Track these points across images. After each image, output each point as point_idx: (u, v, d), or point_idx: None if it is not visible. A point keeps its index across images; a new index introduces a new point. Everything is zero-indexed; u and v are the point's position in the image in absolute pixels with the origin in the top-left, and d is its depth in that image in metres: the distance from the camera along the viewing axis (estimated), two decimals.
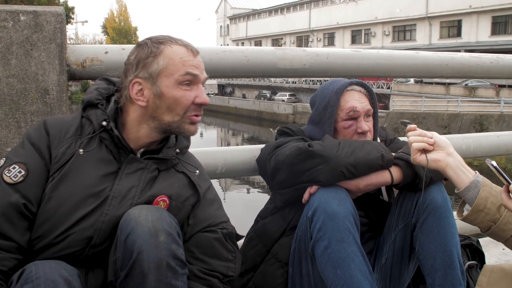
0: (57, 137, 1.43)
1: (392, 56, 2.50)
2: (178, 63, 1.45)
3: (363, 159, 1.70)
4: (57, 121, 1.47)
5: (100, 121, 1.44)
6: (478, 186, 1.47)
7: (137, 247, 1.26)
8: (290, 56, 2.22)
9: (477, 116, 21.18)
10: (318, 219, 1.66)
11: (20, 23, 1.74)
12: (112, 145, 1.45)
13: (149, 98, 1.45)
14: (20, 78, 1.75)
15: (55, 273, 1.22)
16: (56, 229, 1.36)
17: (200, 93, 1.48)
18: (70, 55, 1.86)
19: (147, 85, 1.45)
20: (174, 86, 1.44)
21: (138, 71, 1.45)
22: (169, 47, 1.46)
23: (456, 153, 1.57)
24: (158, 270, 1.26)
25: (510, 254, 2.89)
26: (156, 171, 1.50)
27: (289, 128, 2.00)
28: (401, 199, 1.83)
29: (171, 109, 1.45)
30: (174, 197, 1.49)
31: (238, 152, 2.25)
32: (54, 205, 1.36)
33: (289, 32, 56.05)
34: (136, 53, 1.47)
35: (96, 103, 1.48)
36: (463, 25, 37.56)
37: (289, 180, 1.78)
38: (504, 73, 2.86)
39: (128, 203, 1.41)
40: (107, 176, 1.43)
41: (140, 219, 1.30)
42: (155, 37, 1.51)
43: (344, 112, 1.88)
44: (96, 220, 1.38)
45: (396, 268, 1.84)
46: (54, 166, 1.39)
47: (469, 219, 1.47)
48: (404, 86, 31.05)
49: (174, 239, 1.32)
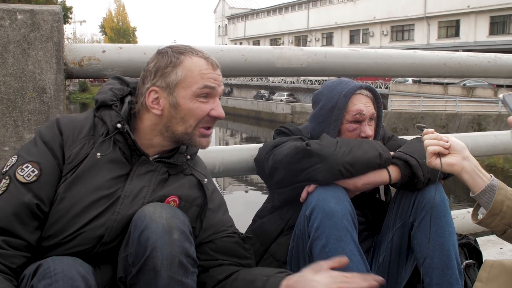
0: (71, 137, 1.42)
1: (390, 55, 2.50)
2: (197, 75, 1.44)
3: (361, 158, 1.70)
4: (69, 120, 1.46)
5: (115, 123, 1.43)
6: (493, 189, 1.46)
7: (151, 243, 1.26)
8: (288, 55, 2.22)
9: (475, 116, 21.19)
10: (316, 218, 1.66)
11: (17, 22, 1.73)
12: (126, 147, 1.45)
13: (165, 107, 1.44)
14: (17, 77, 1.75)
15: (72, 269, 1.22)
16: (68, 229, 1.36)
17: (216, 106, 1.48)
18: (68, 54, 1.86)
19: (163, 94, 1.44)
20: (191, 98, 1.44)
21: (156, 79, 1.44)
22: (189, 59, 1.45)
23: (471, 156, 1.55)
24: (171, 267, 1.27)
25: (507, 253, 2.89)
26: (166, 174, 1.50)
27: (286, 128, 2.00)
28: (398, 198, 1.84)
29: (185, 120, 1.45)
30: (183, 198, 1.50)
31: (236, 151, 2.25)
32: (66, 205, 1.36)
33: (287, 32, 56.09)
34: (156, 61, 1.47)
35: (110, 104, 1.46)
36: (461, 25, 37.62)
37: (287, 179, 1.78)
38: (502, 73, 2.86)
39: (139, 202, 1.41)
40: (120, 178, 1.43)
41: (155, 216, 1.31)
42: (176, 46, 1.50)
43: (351, 115, 1.88)
44: (108, 219, 1.38)
45: (394, 267, 1.84)
46: (67, 166, 1.39)
47: (484, 223, 1.46)
48: (402, 86, 31.09)
49: (187, 237, 1.33)
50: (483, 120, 20.64)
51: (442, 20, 39.04)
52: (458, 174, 1.53)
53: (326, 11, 50.01)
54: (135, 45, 2.02)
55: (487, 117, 20.81)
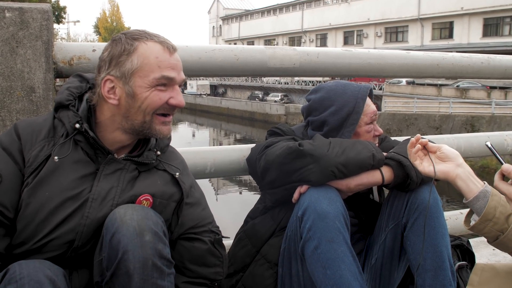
0: (29, 141, 1.38)
1: (383, 55, 2.49)
2: (153, 63, 1.39)
3: (354, 158, 1.69)
4: (28, 124, 1.42)
5: (73, 124, 1.39)
6: (487, 196, 1.47)
7: (122, 246, 1.24)
8: (280, 55, 2.21)
9: (468, 117, 21.26)
10: (308, 219, 1.64)
11: (5, 20, 1.71)
12: (88, 146, 1.41)
13: (121, 97, 1.40)
14: (5, 75, 1.73)
15: (39, 273, 1.19)
16: (37, 235, 1.33)
17: (176, 94, 1.43)
18: (57, 53, 1.84)
19: (119, 83, 1.39)
20: (148, 87, 1.39)
21: (110, 68, 1.40)
22: (144, 44, 1.40)
23: (465, 163, 1.57)
24: (144, 270, 1.24)
25: (500, 254, 2.89)
26: (136, 171, 1.47)
27: (279, 129, 1.99)
28: (391, 199, 1.83)
29: (142, 109, 1.40)
30: (158, 195, 1.46)
31: (228, 151, 2.23)
32: (32, 211, 1.33)
33: (281, 33, 56.13)
34: (110, 49, 1.41)
35: (67, 104, 1.42)
36: (454, 26, 37.79)
37: (279, 179, 1.77)
38: (495, 74, 2.86)
39: (108, 204, 1.38)
40: (85, 178, 1.39)
41: (126, 218, 1.28)
42: (130, 32, 1.44)
43: (368, 117, 1.91)
44: (77, 223, 1.35)
45: (386, 268, 1.83)
46: (28, 170, 1.35)
47: (477, 228, 1.47)
48: (396, 87, 31.16)
49: (160, 238, 1.30)
50: (476, 122, 20.71)
51: (436, 21, 39.21)
52: (452, 181, 1.55)
53: (320, 12, 50.09)
54: None
55: (480, 118, 20.89)
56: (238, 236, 1.96)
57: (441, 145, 1.62)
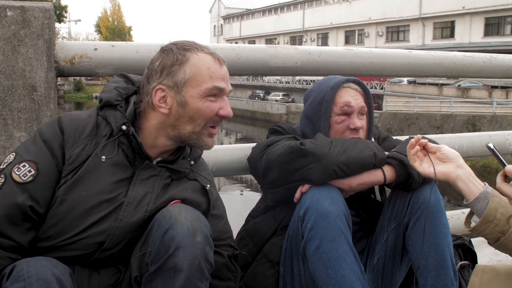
0: (72, 137, 1.38)
1: (385, 54, 2.49)
2: (205, 74, 1.41)
3: (356, 157, 1.69)
4: (72, 119, 1.41)
5: (120, 125, 1.39)
6: (487, 197, 1.47)
7: (176, 242, 1.26)
8: (282, 54, 2.21)
9: (469, 117, 21.24)
10: (309, 218, 1.64)
11: (7, 19, 1.71)
12: (129, 150, 1.42)
13: (172, 106, 1.41)
14: (7, 74, 1.72)
15: (47, 271, 1.19)
16: (68, 232, 1.33)
17: (225, 105, 1.45)
18: (59, 52, 1.84)
19: (170, 93, 1.41)
20: (199, 97, 1.41)
21: (162, 78, 1.41)
22: (195, 55, 1.42)
23: (465, 164, 1.56)
24: (191, 268, 1.26)
25: (502, 254, 2.86)
26: (169, 178, 1.48)
27: (280, 127, 1.99)
28: (393, 198, 1.82)
29: (194, 120, 1.42)
30: (187, 202, 1.47)
31: (229, 150, 2.23)
32: (67, 208, 1.33)
33: (282, 32, 56.08)
34: (161, 59, 1.42)
35: (115, 104, 1.42)
36: (456, 26, 37.72)
37: (280, 179, 1.77)
38: (497, 73, 2.86)
39: (142, 209, 1.39)
40: (122, 182, 1.40)
41: (180, 216, 1.30)
42: (180, 42, 1.46)
43: (338, 107, 1.86)
44: (110, 225, 1.36)
45: (388, 268, 1.83)
46: (68, 167, 1.35)
47: (478, 230, 1.47)
48: (397, 87, 31.12)
49: (209, 241, 1.32)
50: (478, 121, 20.68)
51: (437, 21, 39.14)
52: (453, 182, 1.54)
53: (321, 12, 50.03)
54: (128, 43, 1.99)
55: (481, 117, 20.86)
56: (240, 235, 1.96)
57: (441, 145, 1.61)
